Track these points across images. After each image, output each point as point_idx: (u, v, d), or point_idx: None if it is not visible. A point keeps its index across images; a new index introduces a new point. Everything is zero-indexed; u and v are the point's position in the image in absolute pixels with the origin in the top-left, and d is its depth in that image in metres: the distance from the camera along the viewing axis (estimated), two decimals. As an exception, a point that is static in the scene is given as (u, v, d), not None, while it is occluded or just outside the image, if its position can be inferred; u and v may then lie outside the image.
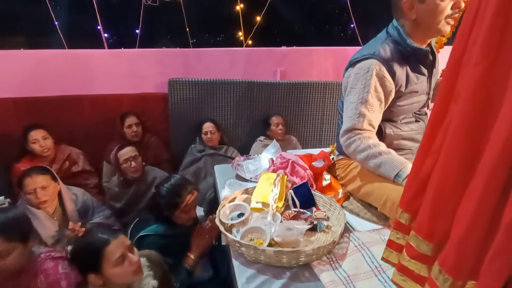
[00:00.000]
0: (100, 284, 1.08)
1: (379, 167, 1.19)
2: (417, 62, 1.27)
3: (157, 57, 2.69)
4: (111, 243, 1.07)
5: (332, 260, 1.06)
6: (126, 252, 1.11)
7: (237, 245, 1.07)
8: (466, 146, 0.64)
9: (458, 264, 0.62)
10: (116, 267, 1.07)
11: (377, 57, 1.22)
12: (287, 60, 2.90)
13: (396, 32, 1.24)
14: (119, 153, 2.05)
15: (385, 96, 1.26)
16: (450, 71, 0.71)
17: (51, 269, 1.25)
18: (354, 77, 1.28)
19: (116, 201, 2.12)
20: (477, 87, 0.60)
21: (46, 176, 1.73)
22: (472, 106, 0.62)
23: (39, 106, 2.46)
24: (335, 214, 1.28)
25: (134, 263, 1.12)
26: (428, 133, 0.76)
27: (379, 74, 1.22)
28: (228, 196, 1.39)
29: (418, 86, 1.30)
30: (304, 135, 3.01)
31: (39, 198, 1.66)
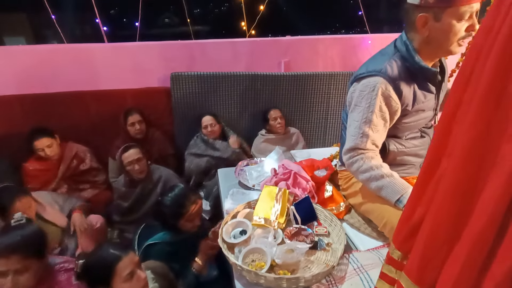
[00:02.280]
0: None
1: (380, 190, 1.18)
2: (424, 80, 1.23)
3: (159, 50, 2.63)
4: (122, 260, 1.12)
5: (331, 283, 1.10)
6: (135, 268, 1.16)
7: (239, 268, 1.11)
8: (456, 204, 0.65)
9: None
10: (125, 283, 1.12)
11: (384, 75, 1.17)
12: (291, 51, 2.81)
13: (405, 48, 1.18)
14: (123, 155, 2.07)
15: (390, 116, 1.23)
16: (444, 124, 0.71)
17: (65, 281, 1.31)
18: (358, 94, 1.24)
19: (123, 200, 2.17)
20: (470, 150, 0.60)
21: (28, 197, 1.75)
22: (464, 166, 0.62)
23: (44, 103, 2.46)
24: (336, 231, 1.30)
25: (142, 280, 1.17)
26: (420, 182, 0.77)
27: (384, 93, 1.18)
28: (230, 209, 1.42)
29: (425, 105, 1.26)
30: (309, 128, 2.98)
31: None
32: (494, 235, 0.57)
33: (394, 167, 1.30)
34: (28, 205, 1.71)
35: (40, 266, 1.24)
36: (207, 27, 7.94)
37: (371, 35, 2.97)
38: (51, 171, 2.26)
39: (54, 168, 2.27)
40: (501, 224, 0.55)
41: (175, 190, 1.57)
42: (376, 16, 3.06)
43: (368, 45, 2.92)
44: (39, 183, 2.22)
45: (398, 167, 1.35)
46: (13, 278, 1.13)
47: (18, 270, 1.15)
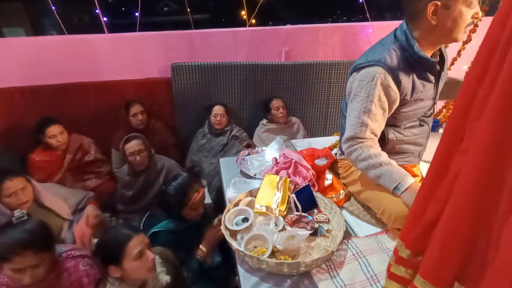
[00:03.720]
0: (118, 276, 1.18)
1: (379, 178, 1.21)
2: (423, 70, 1.24)
3: (159, 40, 2.63)
4: (133, 238, 1.18)
5: (330, 268, 1.14)
6: (144, 248, 1.21)
7: (242, 254, 1.14)
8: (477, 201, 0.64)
9: None
10: (134, 261, 1.17)
11: (383, 65, 1.18)
12: (292, 40, 2.80)
13: (404, 37, 1.19)
14: (126, 146, 2.10)
15: (389, 105, 1.24)
16: (456, 120, 0.70)
17: (72, 268, 1.36)
18: (358, 84, 1.25)
19: (127, 189, 2.20)
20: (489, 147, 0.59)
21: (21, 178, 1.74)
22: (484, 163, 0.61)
23: (45, 95, 2.49)
24: (336, 218, 1.33)
25: (150, 260, 1.22)
26: (431, 179, 0.76)
27: (384, 83, 1.19)
28: (232, 198, 1.45)
29: (424, 94, 1.27)
30: (310, 117, 3.00)
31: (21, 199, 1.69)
32: None
33: (393, 155, 1.33)
34: (20, 186, 1.69)
35: (52, 257, 1.28)
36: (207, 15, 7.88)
37: (372, 23, 2.95)
38: (56, 162, 2.30)
39: (59, 159, 2.31)
40: None
41: (178, 179, 1.60)
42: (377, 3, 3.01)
43: (369, 33, 2.91)
44: (45, 174, 2.26)
45: (397, 156, 1.37)
46: (31, 273, 1.18)
47: (34, 265, 1.19)
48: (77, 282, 1.31)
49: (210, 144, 2.64)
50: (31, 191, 1.76)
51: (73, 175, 2.35)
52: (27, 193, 1.73)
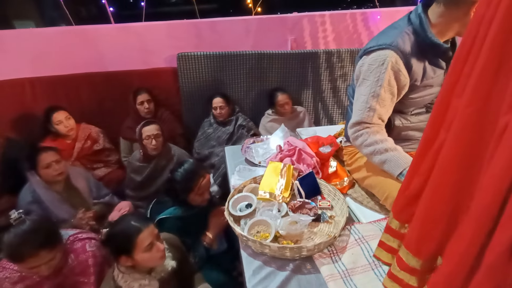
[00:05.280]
0: (129, 265, 1.22)
1: (384, 164, 1.20)
2: (435, 55, 1.21)
3: (165, 29, 2.63)
4: (143, 232, 1.19)
5: (332, 253, 1.15)
6: (154, 240, 1.23)
7: (245, 238, 1.16)
8: (456, 176, 0.67)
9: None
10: (145, 253, 1.20)
11: (394, 48, 1.16)
12: (298, 28, 2.77)
13: (418, 21, 1.16)
14: (144, 128, 2.13)
15: (398, 90, 1.22)
16: (443, 97, 0.71)
17: (79, 249, 1.40)
18: (367, 67, 1.23)
19: (136, 175, 2.23)
20: (469, 121, 0.61)
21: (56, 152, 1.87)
22: (463, 138, 0.63)
23: (54, 85, 2.53)
24: (339, 205, 1.34)
25: (161, 251, 1.24)
26: (418, 154, 0.78)
27: (394, 67, 1.17)
28: (237, 185, 1.47)
29: (434, 80, 1.25)
30: (316, 106, 2.98)
31: (56, 170, 1.81)
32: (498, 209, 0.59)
33: (399, 142, 1.31)
34: (54, 158, 1.82)
35: (62, 248, 1.33)
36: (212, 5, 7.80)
37: (381, 9, 2.89)
38: (66, 151, 2.34)
39: (69, 148, 2.36)
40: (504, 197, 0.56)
41: (184, 165, 1.63)
42: (387, -11, 2.94)
43: (377, 20, 2.85)
44: (55, 162, 2.31)
45: (403, 142, 1.36)
46: (46, 267, 1.23)
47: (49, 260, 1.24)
48: (84, 262, 1.35)
49: (216, 133, 2.66)
50: (64, 165, 1.88)
51: (83, 164, 2.39)
52: (61, 166, 1.85)
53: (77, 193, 1.95)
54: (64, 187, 1.90)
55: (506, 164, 0.55)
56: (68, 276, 1.32)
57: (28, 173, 1.83)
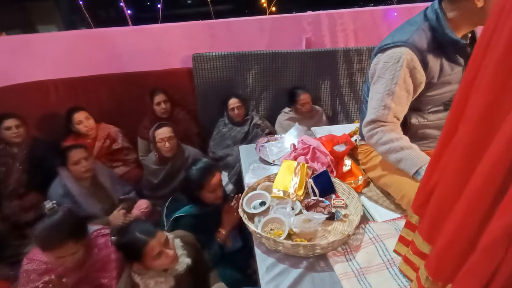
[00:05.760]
0: (142, 269, 1.25)
1: (399, 162, 1.19)
2: (453, 52, 1.18)
3: (180, 30, 2.68)
4: (149, 243, 1.19)
5: (346, 251, 1.14)
6: (163, 248, 1.23)
7: (258, 235, 1.17)
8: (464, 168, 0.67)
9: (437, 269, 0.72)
10: (155, 261, 1.21)
11: (410, 45, 1.14)
12: (313, 26, 2.76)
13: (435, 17, 1.13)
14: (156, 132, 2.17)
15: (414, 88, 1.20)
16: (462, 92, 0.70)
17: (102, 244, 1.46)
18: (382, 65, 1.21)
19: (153, 177, 2.29)
20: (480, 117, 0.61)
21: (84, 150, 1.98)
22: (474, 134, 0.63)
23: (74, 86, 2.62)
24: (353, 203, 1.33)
25: (170, 257, 1.25)
26: (438, 149, 0.78)
27: (410, 64, 1.15)
28: (251, 183, 1.48)
29: (452, 77, 1.22)
30: (331, 105, 2.95)
31: (85, 167, 1.92)
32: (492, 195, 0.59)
33: (415, 140, 1.29)
34: (83, 155, 1.93)
35: (87, 241, 1.38)
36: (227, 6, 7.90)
37: (397, 6, 2.84)
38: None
39: (89, 147, 2.42)
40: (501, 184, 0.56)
41: (196, 165, 1.66)
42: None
43: (394, 17, 2.80)
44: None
45: (419, 141, 1.33)
46: (71, 258, 1.29)
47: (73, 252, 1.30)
48: (106, 257, 1.40)
49: (231, 132, 2.68)
50: (91, 162, 2.00)
51: (102, 163, 2.46)
52: (89, 163, 1.97)
53: (103, 189, 2.03)
54: (91, 183, 1.99)
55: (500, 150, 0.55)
56: (91, 270, 1.38)
57: (59, 169, 1.93)
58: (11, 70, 2.47)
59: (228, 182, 2.44)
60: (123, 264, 1.40)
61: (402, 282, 1.00)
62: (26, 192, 2.24)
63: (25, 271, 1.34)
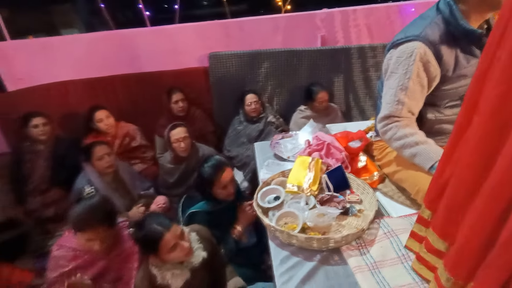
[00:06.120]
0: (158, 262, 1.28)
1: (414, 157, 1.18)
2: (469, 43, 1.16)
3: (196, 30, 2.73)
4: (165, 236, 1.22)
5: (361, 246, 1.14)
6: (178, 240, 1.26)
7: (272, 229, 1.19)
8: (478, 160, 0.66)
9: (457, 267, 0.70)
10: (170, 254, 1.25)
11: (423, 39, 1.13)
12: (328, 24, 2.75)
13: (448, 10, 1.12)
14: (171, 132, 2.22)
15: (428, 82, 1.19)
16: (477, 82, 0.69)
17: (126, 236, 1.52)
18: (395, 60, 1.21)
19: (168, 176, 2.34)
20: (494, 108, 0.60)
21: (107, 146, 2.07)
22: (488, 126, 0.62)
23: (94, 86, 2.72)
24: (368, 199, 1.32)
25: (185, 249, 1.28)
26: (451, 142, 0.77)
27: (423, 58, 1.14)
28: (265, 178, 1.50)
29: (468, 70, 1.19)
30: (347, 103, 2.93)
31: (108, 162, 2.00)
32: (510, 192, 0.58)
33: (432, 136, 1.27)
34: (106, 150, 2.03)
35: (116, 230, 1.44)
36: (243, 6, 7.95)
37: (414, 2, 2.79)
38: (107, 148, 2.51)
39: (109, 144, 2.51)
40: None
41: (208, 162, 1.69)
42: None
43: (411, 13, 2.76)
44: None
45: (435, 136, 1.31)
46: (100, 242, 1.35)
47: (103, 236, 1.36)
48: (129, 248, 1.46)
49: (246, 130, 2.71)
50: (113, 158, 2.08)
51: (121, 160, 2.54)
52: (112, 159, 2.05)
53: (124, 185, 2.11)
54: (113, 178, 2.07)
55: None
56: (116, 260, 1.44)
57: (83, 164, 2.03)
58: (35, 72, 2.58)
59: (243, 180, 2.47)
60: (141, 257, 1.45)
61: (418, 277, 0.99)
62: (49, 188, 2.32)
63: (54, 257, 1.40)
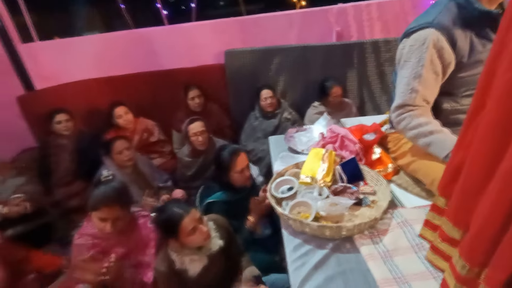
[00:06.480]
0: (178, 246, 1.34)
1: (429, 146, 1.17)
2: (484, 27, 1.14)
3: (212, 28, 2.79)
4: (185, 218, 1.29)
5: (373, 235, 1.15)
6: (197, 224, 1.32)
7: (285, 217, 1.21)
8: (491, 144, 0.66)
9: (472, 254, 0.69)
10: (189, 236, 1.30)
11: (436, 25, 1.12)
12: (343, 19, 2.74)
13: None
14: (189, 126, 2.29)
15: (443, 69, 1.17)
16: (490, 64, 0.69)
17: (143, 224, 1.59)
18: (408, 49, 1.20)
19: (187, 170, 2.41)
20: (505, 93, 0.60)
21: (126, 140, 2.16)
22: (500, 109, 0.62)
23: (116, 84, 2.83)
24: (382, 189, 1.32)
25: (204, 233, 1.34)
26: (465, 126, 0.77)
27: (436, 45, 1.13)
28: (279, 170, 1.52)
29: (484, 55, 1.17)
30: (363, 98, 2.91)
31: (127, 156, 2.08)
32: None
33: (448, 126, 1.24)
34: (125, 145, 2.11)
35: (129, 214, 1.51)
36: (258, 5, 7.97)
37: (433, -6, 2.73)
38: (126, 143, 2.60)
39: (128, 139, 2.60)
40: None
41: (224, 149, 1.75)
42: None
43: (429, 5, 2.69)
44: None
45: (452, 127, 1.28)
46: (112, 223, 1.41)
47: (116, 217, 1.42)
48: (146, 236, 1.52)
49: (262, 125, 2.74)
50: (132, 152, 2.18)
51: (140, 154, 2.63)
52: (131, 152, 2.15)
53: (143, 177, 2.20)
54: (132, 171, 2.16)
55: None
56: (134, 247, 1.50)
57: (103, 158, 2.12)
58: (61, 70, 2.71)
59: (258, 174, 2.50)
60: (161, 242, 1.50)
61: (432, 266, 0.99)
62: (73, 180, 2.44)
63: (76, 245, 1.48)
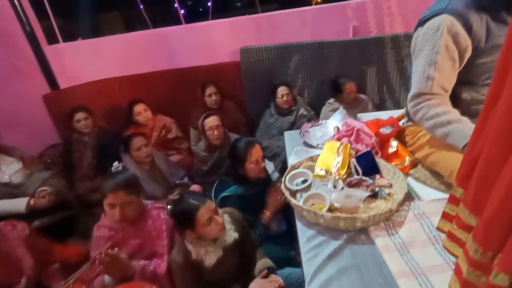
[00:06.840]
0: (194, 237, 1.36)
1: (447, 136, 1.13)
2: (500, 9, 1.10)
3: (228, 26, 2.82)
4: (200, 209, 1.31)
5: (389, 227, 1.13)
6: (212, 215, 1.34)
7: (300, 209, 1.21)
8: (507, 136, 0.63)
9: (486, 238, 0.68)
10: (205, 227, 1.32)
11: (450, 11, 1.09)
12: (359, 14, 2.71)
13: None
14: (205, 121, 2.32)
15: (459, 55, 1.13)
16: (505, 51, 0.67)
17: (155, 216, 1.61)
18: (422, 37, 1.18)
19: (203, 164, 2.44)
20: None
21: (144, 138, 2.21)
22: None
23: (136, 82, 2.90)
24: (398, 182, 1.30)
25: (219, 224, 1.36)
26: (482, 115, 0.74)
27: (451, 30, 1.10)
28: (294, 163, 1.52)
29: (503, 39, 1.13)
30: (380, 94, 2.86)
31: (145, 153, 2.14)
32: None
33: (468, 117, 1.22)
34: (143, 142, 2.17)
35: (137, 203, 1.55)
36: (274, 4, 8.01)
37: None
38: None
39: (147, 136, 2.66)
40: None
41: (237, 143, 1.77)
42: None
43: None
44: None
45: (472, 118, 1.25)
46: (120, 210, 1.45)
47: (123, 203, 1.46)
48: (159, 228, 1.55)
49: (277, 122, 2.74)
50: (150, 149, 2.24)
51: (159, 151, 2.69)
52: (148, 149, 2.21)
53: (160, 173, 2.25)
54: (150, 167, 2.22)
55: None
56: (147, 238, 1.54)
57: (122, 154, 2.18)
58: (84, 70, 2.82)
59: (273, 170, 2.50)
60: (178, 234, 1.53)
61: (449, 258, 0.97)
62: (95, 176, 2.53)
63: (95, 237, 1.54)
